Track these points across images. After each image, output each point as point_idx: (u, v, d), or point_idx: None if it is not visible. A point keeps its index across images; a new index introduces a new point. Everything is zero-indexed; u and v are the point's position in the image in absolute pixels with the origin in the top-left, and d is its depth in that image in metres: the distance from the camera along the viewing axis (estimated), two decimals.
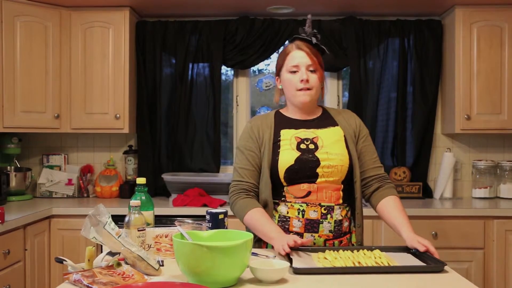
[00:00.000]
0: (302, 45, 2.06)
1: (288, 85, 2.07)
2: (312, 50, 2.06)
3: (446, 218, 3.24)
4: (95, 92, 3.60)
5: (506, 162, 3.74)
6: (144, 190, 1.92)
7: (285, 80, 2.08)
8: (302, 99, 2.05)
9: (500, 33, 3.52)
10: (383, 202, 2.06)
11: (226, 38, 3.81)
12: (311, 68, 2.04)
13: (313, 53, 2.05)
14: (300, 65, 2.03)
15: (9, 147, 3.66)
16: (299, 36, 2.10)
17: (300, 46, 2.06)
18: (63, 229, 3.26)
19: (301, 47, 2.06)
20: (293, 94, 2.06)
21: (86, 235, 1.62)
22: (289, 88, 2.07)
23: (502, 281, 3.19)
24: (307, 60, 2.04)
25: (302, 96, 2.04)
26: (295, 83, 2.04)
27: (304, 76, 2.02)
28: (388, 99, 3.84)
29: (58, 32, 3.56)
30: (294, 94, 2.06)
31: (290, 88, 2.06)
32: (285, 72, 2.07)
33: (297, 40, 2.09)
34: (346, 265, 1.67)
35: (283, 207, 2.00)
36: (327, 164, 1.98)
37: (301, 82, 2.02)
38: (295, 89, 2.05)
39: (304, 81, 2.02)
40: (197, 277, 1.45)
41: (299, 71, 2.04)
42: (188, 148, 3.84)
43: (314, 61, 2.05)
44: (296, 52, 2.06)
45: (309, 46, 2.06)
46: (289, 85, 2.06)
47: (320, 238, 1.97)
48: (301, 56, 2.04)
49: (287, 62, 2.06)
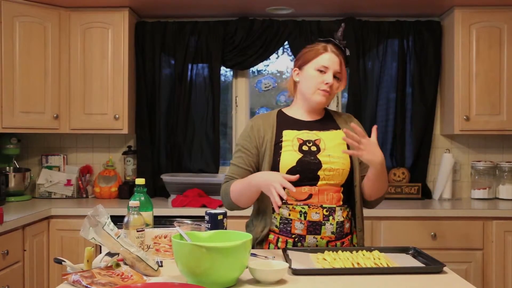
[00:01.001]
0: (336, 50, 2.07)
1: (311, 81, 2.05)
2: (343, 59, 2.08)
3: (445, 219, 3.24)
4: (94, 93, 3.60)
5: (505, 163, 3.74)
6: (143, 190, 1.92)
7: (309, 75, 2.06)
8: (319, 99, 2.05)
9: (499, 34, 3.52)
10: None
11: (225, 38, 3.81)
12: (337, 76, 2.06)
13: (343, 63, 2.08)
14: (330, 68, 2.04)
15: (8, 147, 3.65)
16: (335, 41, 2.09)
17: (335, 50, 2.06)
18: (62, 229, 3.25)
19: (336, 52, 2.06)
20: (312, 91, 2.05)
21: (85, 236, 1.61)
22: (310, 84, 2.06)
23: (501, 282, 3.19)
24: (337, 67, 2.05)
25: (321, 96, 2.04)
26: (319, 82, 2.04)
27: (330, 80, 2.02)
28: (387, 100, 3.85)
29: (57, 33, 3.56)
30: (314, 91, 2.05)
31: (311, 85, 2.05)
32: (311, 68, 2.06)
33: (332, 43, 2.09)
34: (345, 266, 1.67)
35: (284, 210, 2.00)
36: (328, 167, 1.98)
37: (325, 84, 2.03)
38: (317, 87, 2.04)
39: (328, 85, 2.03)
40: (196, 277, 1.45)
41: (326, 73, 2.04)
42: (187, 149, 3.84)
43: (342, 70, 2.07)
44: (331, 54, 2.05)
45: (341, 54, 2.08)
46: (312, 81, 2.05)
47: (323, 240, 1.97)
48: (334, 61, 2.04)
49: (318, 59, 2.05)
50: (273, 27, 3.79)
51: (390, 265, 1.68)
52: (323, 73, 2.04)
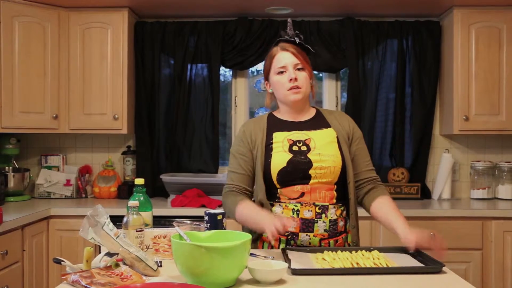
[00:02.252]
0: (287, 46, 2.09)
1: (278, 86, 2.08)
2: (297, 49, 2.08)
3: (444, 219, 3.24)
4: (93, 93, 3.60)
5: (504, 163, 3.75)
6: (143, 190, 1.92)
7: (274, 82, 2.09)
8: (293, 98, 2.05)
9: (498, 34, 3.53)
10: (376, 202, 2.07)
11: (225, 39, 3.81)
12: (298, 67, 2.06)
13: (299, 52, 2.07)
14: (287, 65, 2.05)
15: (8, 147, 3.65)
16: (282, 39, 2.12)
17: (285, 47, 2.08)
18: (61, 229, 3.25)
19: (286, 48, 2.08)
20: (284, 94, 2.07)
21: (84, 236, 1.61)
22: (279, 90, 2.08)
23: (500, 282, 3.19)
24: (293, 59, 2.05)
25: (293, 95, 2.05)
26: (284, 83, 2.05)
27: (292, 75, 2.03)
28: (387, 100, 3.85)
29: (56, 33, 3.56)
30: (285, 94, 2.06)
31: (281, 89, 2.07)
32: (273, 74, 2.09)
33: (281, 43, 2.11)
34: (344, 266, 1.67)
35: (277, 208, 2.01)
36: (319, 165, 1.99)
37: (290, 81, 2.04)
38: (285, 89, 2.05)
39: (293, 80, 2.03)
40: (196, 278, 1.45)
41: (286, 71, 2.05)
42: (186, 149, 3.84)
43: (301, 59, 2.06)
44: (282, 53, 2.07)
45: (294, 46, 2.08)
46: (278, 86, 2.07)
47: (316, 237, 1.97)
48: (287, 57, 2.06)
49: (274, 64, 2.08)
50: (273, 27, 3.79)
51: (389, 265, 1.68)
52: (283, 73, 2.06)
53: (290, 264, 1.64)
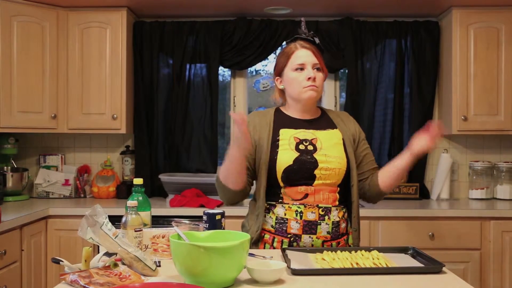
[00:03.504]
0: (306, 44, 2.06)
1: (294, 83, 2.05)
2: (316, 49, 2.07)
3: (443, 219, 3.24)
4: (92, 93, 3.60)
5: (502, 163, 3.75)
6: (141, 190, 1.92)
7: (290, 79, 2.06)
8: (309, 95, 2.03)
9: (496, 34, 3.53)
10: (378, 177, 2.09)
11: (224, 38, 3.81)
12: (317, 67, 2.05)
13: (318, 53, 2.06)
14: (306, 63, 2.03)
15: (6, 147, 3.65)
16: (301, 36, 2.09)
17: (305, 45, 2.06)
18: (59, 229, 3.25)
19: (306, 46, 2.06)
20: (299, 92, 2.04)
21: (83, 236, 1.61)
22: (294, 86, 2.05)
23: (499, 282, 3.19)
24: (313, 58, 2.04)
25: (309, 92, 2.03)
26: (302, 80, 2.03)
27: (311, 74, 2.02)
28: (385, 100, 3.85)
29: (55, 32, 3.56)
30: (300, 91, 2.04)
31: (296, 86, 2.05)
32: (289, 71, 2.06)
33: (299, 40, 2.09)
34: (344, 266, 1.67)
35: (280, 209, 2.00)
36: (325, 166, 1.98)
37: (308, 79, 2.02)
38: (302, 86, 2.03)
39: (311, 79, 2.02)
40: (194, 277, 1.45)
41: (305, 69, 2.03)
42: (185, 149, 3.84)
43: (320, 60, 2.06)
44: (302, 50, 2.05)
45: (313, 46, 2.07)
46: (295, 83, 2.05)
47: (318, 239, 1.97)
48: (307, 55, 2.04)
49: (292, 60, 2.05)
50: (271, 27, 3.79)
51: (389, 265, 1.68)
52: (302, 70, 2.04)
53: (289, 264, 1.64)
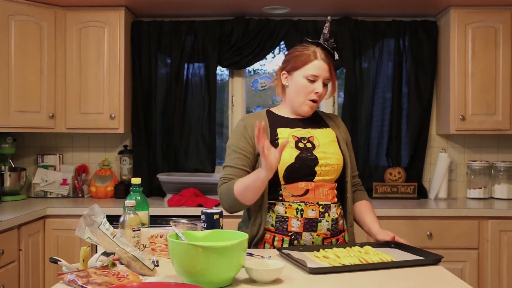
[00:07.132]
0: (326, 56, 2.06)
1: (300, 89, 2.05)
2: (332, 63, 2.08)
3: (441, 218, 3.25)
4: (90, 92, 3.59)
5: (500, 163, 3.76)
6: (139, 190, 1.92)
7: (298, 83, 2.06)
8: (306, 110, 2.08)
9: (494, 34, 3.53)
10: (356, 204, 2.18)
11: (222, 38, 3.81)
12: (326, 82, 2.07)
13: (333, 67, 2.08)
14: (320, 76, 2.04)
15: (4, 147, 3.64)
16: (323, 45, 2.07)
17: (324, 57, 2.05)
18: (57, 229, 3.25)
19: (325, 59, 2.05)
20: (302, 101, 2.06)
21: (80, 235, 1.61)
22: (299, 93, 2.06)
23: (497, 281, 3.20)
24: (327, 74, 2.05)
25: (309, 107, 2.07)
26: (309, 92, 2.05)
27: (320, 90, 2.04)
28: (383, 100, 3.85)
29: (53, 32, 3.55)
30: (303, 101, 2.06)
31: (301, 94, 2.06)
32: (300, 76, 2.05)
33: (321, 48, 2.06)
34: (354, 263, 1.68)
35: (280, 207, 1.99)
36: (325, 162, 2.00)
37: (315, 93, 2.04)
38: (307, 98, 2.06)
39: (318, 94, 2.04)
40: (192, 277, 1.45)
41: (316, 82, 2.04)
42: (183, 148, 3.83)
43: (332, 74, 2.08)
44: (320, 62, 2.04)
45: (331, 59, 2.07)
46: (301, 90, 2.05)
47: (319, 236, 1.98)
48: (324, 69, 2.04)
49: (307, 67, 2.04)
50: (269, 26, 3.79)
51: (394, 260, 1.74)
52: (313, 82, 2.04)
53: (305, 264, 1.63)
